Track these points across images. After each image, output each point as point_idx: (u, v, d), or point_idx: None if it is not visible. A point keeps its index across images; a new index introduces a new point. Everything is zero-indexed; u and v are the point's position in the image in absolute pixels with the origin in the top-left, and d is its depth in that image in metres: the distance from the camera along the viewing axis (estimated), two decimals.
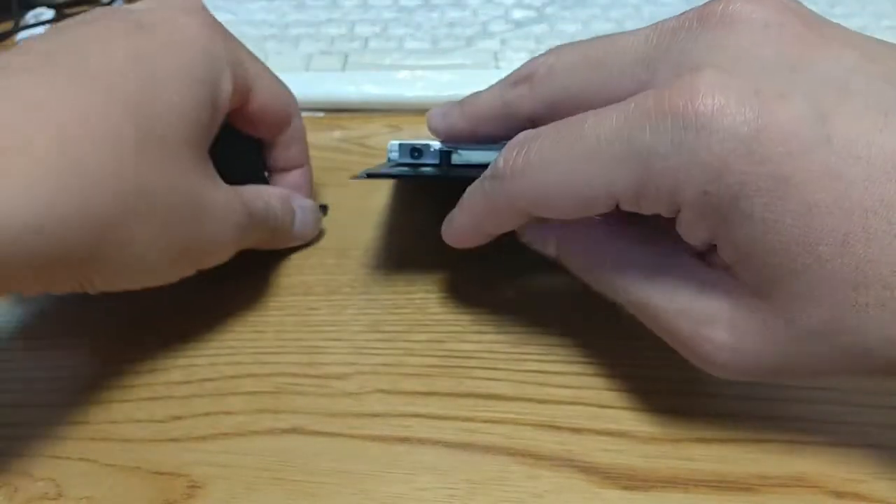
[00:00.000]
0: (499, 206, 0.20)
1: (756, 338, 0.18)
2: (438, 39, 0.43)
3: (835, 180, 0.15)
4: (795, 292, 0.17)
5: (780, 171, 0.16)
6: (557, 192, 0.18)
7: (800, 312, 0.17)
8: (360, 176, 0.24)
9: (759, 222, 0.16)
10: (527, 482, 0.20)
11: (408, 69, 0.40)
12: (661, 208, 0.18)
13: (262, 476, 0.20)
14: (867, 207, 0.15)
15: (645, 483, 0.20)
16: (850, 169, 0.15)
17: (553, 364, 0.23)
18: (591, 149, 0.18)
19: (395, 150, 0.24)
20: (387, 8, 0.47)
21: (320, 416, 0.22)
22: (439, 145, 0.24)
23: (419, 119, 0.38)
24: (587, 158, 0.18)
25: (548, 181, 0.18)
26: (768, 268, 0.17)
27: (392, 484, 0.20)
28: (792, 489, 0.19)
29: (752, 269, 0.17)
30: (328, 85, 0.39)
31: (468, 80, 0.39)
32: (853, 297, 0.16)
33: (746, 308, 0.18)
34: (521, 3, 0.47)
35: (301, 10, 0.46)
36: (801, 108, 0.16)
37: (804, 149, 0.16)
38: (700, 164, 0.16)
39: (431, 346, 0.24)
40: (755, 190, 0.16)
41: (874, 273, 0.16)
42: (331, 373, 0.23)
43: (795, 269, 0.16)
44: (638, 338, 0.22)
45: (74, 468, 0.21)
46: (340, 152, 0.36)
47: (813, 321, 0.17)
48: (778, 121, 0.16)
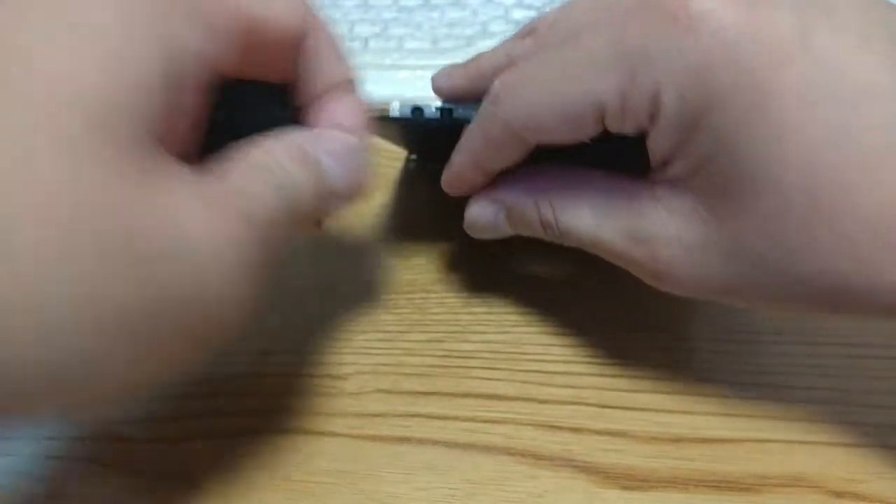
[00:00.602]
0: (494, 131, 0.20)
1: (701, 252, 0.18)
2: (438, 39, 0.43)
3: (806, 99, 0.15)
4: (747, 210, 0.17)
5: (758, 83, 0.16)
6: (548, 110, 0.18)
7: (747, 230, 0.17)
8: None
9: (726, 135, 0.16)
10: (527, 482, 0.20)
11: (408, 69, 0.40)
12: (642, 118, 0.17)
13: (261, 476, 0.20)
14: (830, 131, 0.15)
15: (645, 483, 0.20)
16: (823, 87, 0.15)
17: (553, 364, 0.23)
18: (580, 59, 0.18)
19: (396, 110, 0.23)
20: (387, 8, 0.47)
21: (320, 415, 0.22)
22: (440, 104, 0.23)
23: None
24: (576, 69, 0.18)
25: (540, 99, 0.18)
26: (725, 180, 0.17)
27: (392, 484, 0.20)
28: (792, 489, 0.19)
29: (707, 183, 0.17)
30: None
31: None
32: (803, 222, 0.16)
33: (693, 220, 0.18)
34: (521, 4, 0.47)
35: None
36: (786, 20, 0.16)
37: (784, 60, 0.16)
38: (685, 66, 0.16)
39: (431, 346, 0.24)
40: (731, 102, 0.16)
41: (828, 201, 0.15)
42: (331, 373, 0.23)
43: (752, 188, 0.16)
44: (638, 338, 0.22)
45: (73, 468, 0.21)
46: None
47: (758, 241, 0.17)
48: (763, 29, 0.16)
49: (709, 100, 0.16)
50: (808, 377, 0.23)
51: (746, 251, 0.17)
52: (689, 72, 0.16)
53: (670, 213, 0.18)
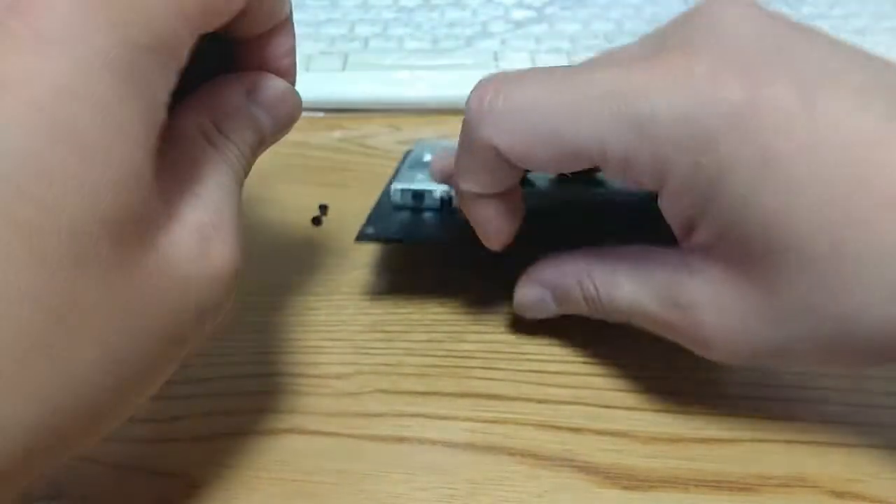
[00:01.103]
0: (473, 148, 0.19)
1: (741, 317, 0.18)
2: (438, 39, 0.43)
3: (814, 157, 0.16)
4: (776, 270, 0.17)
5: (764, 146, 0.16)
6: (542, 139, 0.18)
7: (780, 290, 0.17)
8: (363, 237, 0.25)
9: (740, 198, 0.16)
10: (527, 482, 0.20)
11: (408, 69, 0.40)
12: (646, 177, 0.18)
13: (261, 476, 0.20)
14: (846, 185, 0.15)
15: (645, 483, 0.20)
16: (830, 146, 0.16)
17: (553, 364, 0.23)
18: (584, 99, 0.18)
19: (398, 195, 0.26)
20: (387, 8, 0.47)
21: (320, 415, 0.22)
22: (441, 190, 0.25)
23: (419, 119, 0.38)
24: (579, 108, 0.18)
25: (533, 125, 0.18)
26: (749, 245, 0.17)
27: (392, 484, 0.20)
28: (792, 489, 0.19)
29: (733, 247, 0.17)
30: (328, 85, 0.39)
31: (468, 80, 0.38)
32: (832, 275, 0.16)
33: (729, 288, 0.18)
34: (521, 3, 0.47)
35: (301, 10, 0.47)
36: (787, 87, 0.16)
37: (788, 125, 0.16)
38: (698, 133, 0.16)
39: (431, 346, 0.24)
40: (740, 165, 0.16)
41: (853, 251, 0.16)
42: (331, 372, 0.23)
43: (776, 246, 0.16)
44: (637, 337, 0.22)
45: (73, 468, 0.21)
46: (340, 152, 0.36)
47: (793, 299, 0.17)
48: (766, 96, 0.16)
49: (718, 166, 0.16)
50: (807, 377, 0.23)
51: (785, 314, 0.17)
52: (703, 138, 0.16)
53: (705, 280, 0.18)
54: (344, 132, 0.37)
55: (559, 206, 0.26)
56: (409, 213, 0.26)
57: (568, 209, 0.26)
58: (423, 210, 0.26)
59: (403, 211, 0.26)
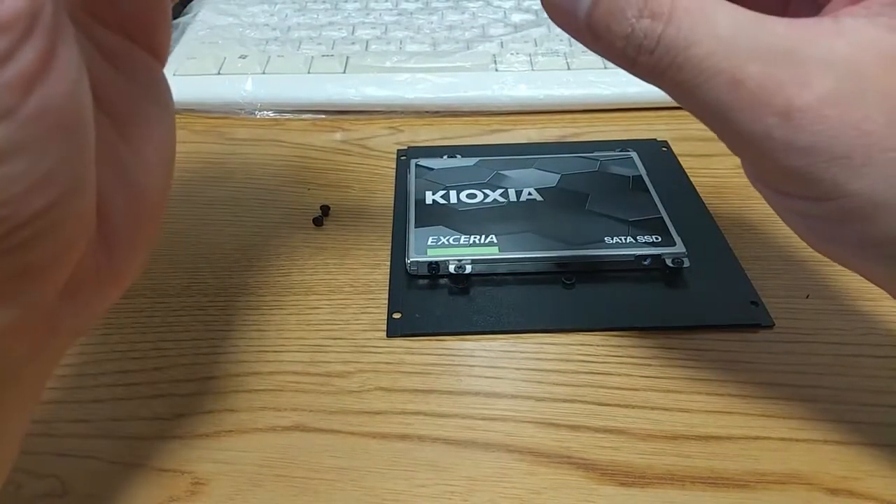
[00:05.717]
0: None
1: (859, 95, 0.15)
2: (438, 42, 0.43)
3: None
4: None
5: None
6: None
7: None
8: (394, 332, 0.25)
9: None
10: (525, 479, 0.20)
11: (408, 71, 0.40)
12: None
13: (264, 473, 0.20)
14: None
15: (642, 479, 0.20)
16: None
17: (551, 362, 0.24)
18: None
19: (415, 267, 0.26)
20: (387, 11, 0.47)
21: (322, 413, 0.22)
22: (454, 265, 0.26)
23: (419, 121, 0.38)
24: None
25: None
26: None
27: (393, 480, 0.20)
28: (787, 486, 0.20)
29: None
30: (329, 87, 0.39)
31: (468, 83, 0.39)
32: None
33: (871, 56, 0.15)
34: (519, 7, 0.47)
35: (303, 14, 0.47)
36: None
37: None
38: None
39: (431, 344, 0.24)
40: None
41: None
42: (332, 371, 0.24)
43: None
44: (635, 336, 0.22)
45: (79, 465, 0.21)
46: (341, 154, 0.36)
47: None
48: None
49: None
50: (803, 375, 0.23)
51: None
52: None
53: (844, 39, 0.15)
54: (345, 134, 0.37)
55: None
56: (427, 285, 0.27)
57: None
58: (440, 277, 0.27)
59: (420, 279, 0.27)
